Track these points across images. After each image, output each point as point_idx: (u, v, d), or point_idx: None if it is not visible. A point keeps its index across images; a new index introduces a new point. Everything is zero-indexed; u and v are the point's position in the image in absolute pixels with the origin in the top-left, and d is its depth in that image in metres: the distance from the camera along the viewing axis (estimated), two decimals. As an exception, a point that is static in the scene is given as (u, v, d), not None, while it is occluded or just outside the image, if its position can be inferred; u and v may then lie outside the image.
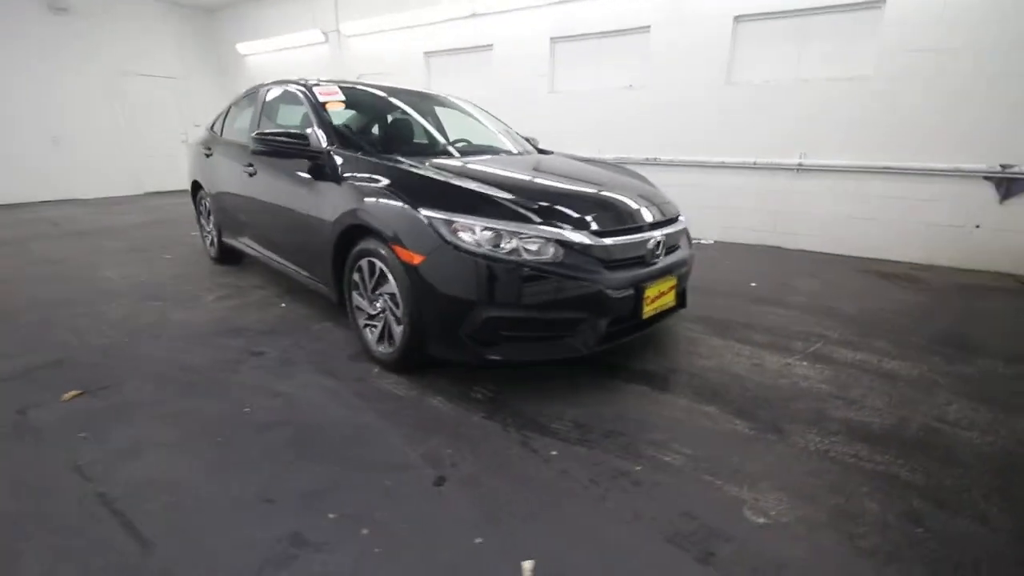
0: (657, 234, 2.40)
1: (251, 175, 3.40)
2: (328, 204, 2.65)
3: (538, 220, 2.13)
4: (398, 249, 2.19)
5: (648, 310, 2.34)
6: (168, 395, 2.31)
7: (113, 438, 1.97)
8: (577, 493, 1.70)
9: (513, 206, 2.16)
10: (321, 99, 3.09)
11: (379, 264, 2.36)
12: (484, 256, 2.04)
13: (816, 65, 5.07)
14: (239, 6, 9.82)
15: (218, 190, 4.05)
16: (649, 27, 5.82)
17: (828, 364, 2.71)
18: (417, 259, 2.12)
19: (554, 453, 1.90)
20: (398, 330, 2.37)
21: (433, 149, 3.34)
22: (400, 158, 2.64)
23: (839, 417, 2.20)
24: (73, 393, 2.29)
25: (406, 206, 2.20)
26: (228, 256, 4.43)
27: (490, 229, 2.07)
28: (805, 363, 2.72)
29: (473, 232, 2.07)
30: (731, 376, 2.55)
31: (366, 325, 2.61)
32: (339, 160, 2.67)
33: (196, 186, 4.56)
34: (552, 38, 6.48)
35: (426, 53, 7.66)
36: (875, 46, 4.75)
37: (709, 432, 2.07)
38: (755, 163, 5.48)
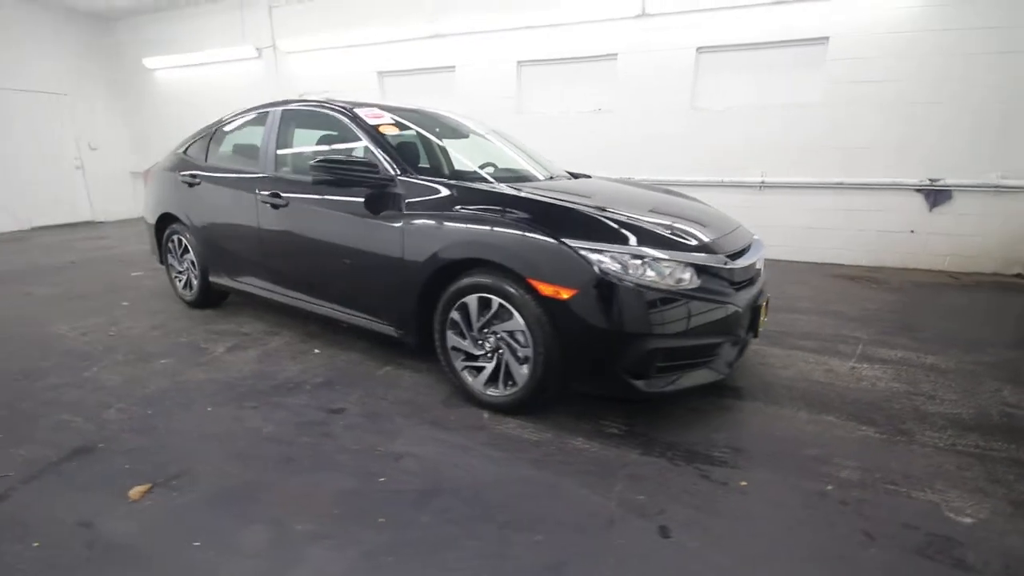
0: (759, 255, 2.49)
1: (276, 207, 2.99)
2: (410, 239, 2.40)
3: (683, 246, 2.11)
4: (537, 284, 2.04)
5: (760, 326, 2.41)
6: (267, 474, 1.92)
7: (242, 541, 1.59)
8: (805, 521, 1.68)
9: (658, 233, 2.12)
10: (371, 122, 2.82)
11: (497, 300, 2.18)
12: (645, 287, 1.97)
13: (771, 93, 5.63)
14: (145, 15, 8.72)
15: (208, 223, 3.51)
16: (616, 55, 6.10)
17: (882, 364, 2.96)
18: (566, 293, 1.99)
19: (743, 483, 1.87)
20: (522, 370, 2.20)
21: (475, 175, 3.17)
22: (504, 185, 2.51)
23: (934, 412, 2.41)
24: (142, 489, 1.81)
25: (547, 238, 2.06)
26: (208, 299, 3.85)
27: (644, 257, 2.01)
28: (865, 365, 2.95)
29: (629, 262, 1.99)
30: (818, 384, 2.69)
31: (466, 367, 2.39)
32: (427, 189, 2.46)
33: (165, 220, 3.91)
34: (519, 61, 6.54)
35: (380, 73, 7.34)
36: (821, 77, 5.40)
37: (850, 441, 2.16)
38: (723, 181, 5.93)
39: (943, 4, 4.82)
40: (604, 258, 1.99)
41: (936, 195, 5.24)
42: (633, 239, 2.06)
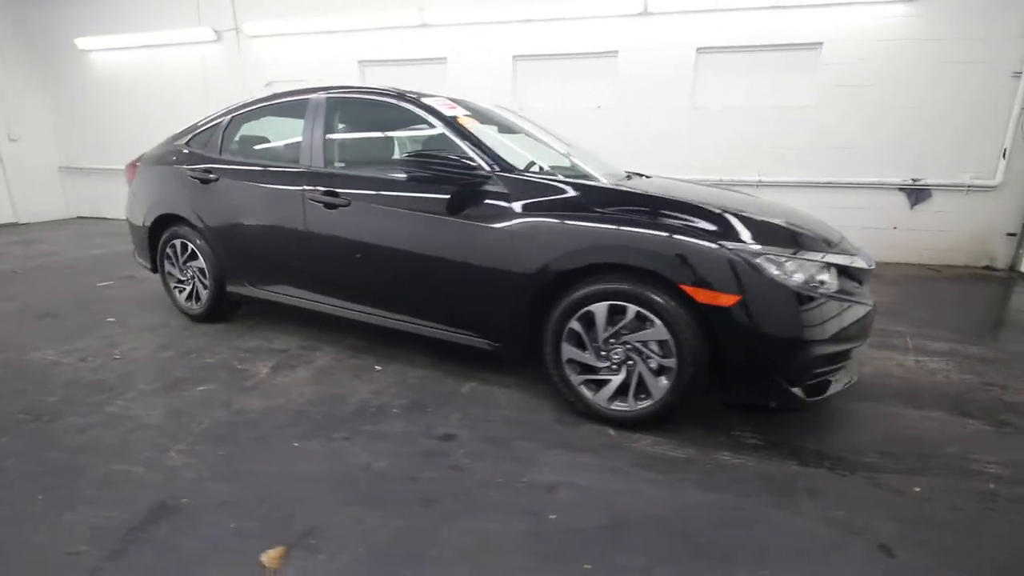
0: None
1: (331, 207, 2.64)
2: (523, 243, 2.18)
3: (824, 247, 2.04)
4: (692, 290, 1.89)
5: (868, 327, 2.41)
6: (417, 521, 1.64)
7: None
8: (999, 524, 1.66)
9: (803, 233, 2.04)
10: (447, 112, 2.54)
11: (633, 308, 2.02)
12: (807, 290, 1.88)
13: (767, 94, 5.81)
14: (75, -12, 7.64)
15: (230, 226, 3.06)
16: (617, 52, 6.06)
17: (939, 356, 3.08)
18: (727, 300, 1.86)
19: (917, 489, 1.83)
20: (659, 382, 2.05)
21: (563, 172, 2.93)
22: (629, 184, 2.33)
23: (1017, 402, 2.53)
24: (276, 554, 1.48)
25: (703, 241, 1.92)
26: (219, 312, 3.37)
27: (808, 260, 1.92)
28: (925, 358, 3.06)
29: (786, 264, 1.90)
30: (901, 379, 2.75)
31: (586, 381, 2.21)
32: (544, 187, 2.25)
33: (163, 222, 3.37)
34: (515, 56, 6.34)
35: (361, 62, 6.86)
36: (815, 80, 5.63)
37: (970, 436, 2.20)
38: (722, 180, 6.06)
39: (925, 16, 5.17)
40: (766, 262, 1.88)
41: (917, 194, 5.64)
42: (801, 241, 1.98)
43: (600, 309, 2.09)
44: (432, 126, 2.53)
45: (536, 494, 1.78)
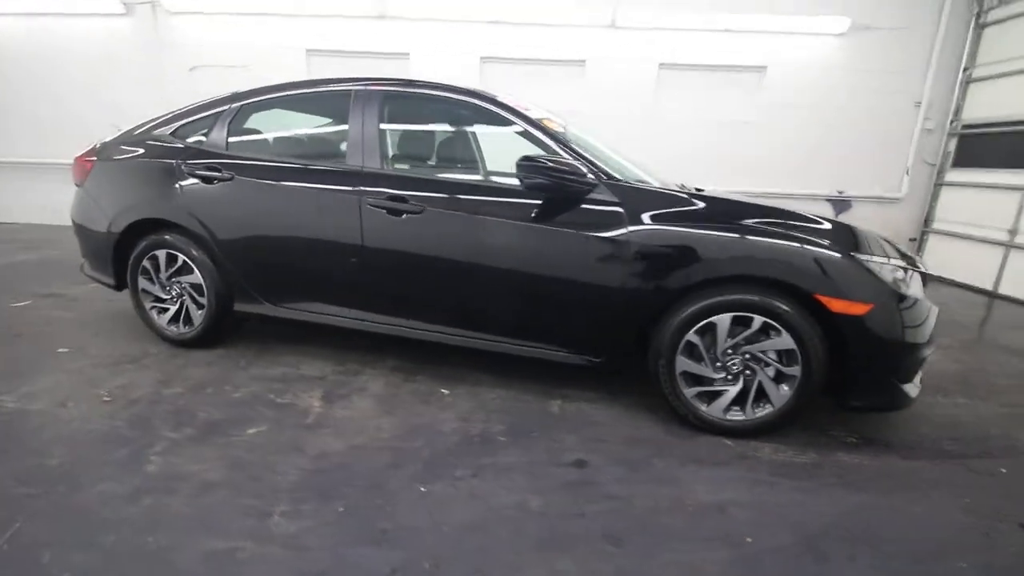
0: None
1: (398, 214, 2.33)
2: (638, 255, 2.10)
3: (907, 256, 2.23)
4: (827, 299, 1.95)
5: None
6: (608, 562, 1.49)
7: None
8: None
9: (896, 246, 2.20)
10: (533, 115, 2.38)
11: (759, 319, 2.03)
12: (917, 297, 2.03)
13: (720, 110, 6.28)
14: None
15: (250, 233, 2.59)
16: (585, 61, 6.17)
17: (990, 350, 3.55)
18: (861, 309, 1.94)
19: (1003, 470, 2.05)
20: (780, 389, 2.09)
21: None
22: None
23: (1006, 384, 2.97)
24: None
25: (834, 252, 1.98)
26: (213, 336, 2.85)
27: (914, 271, 2.07)
28: (984, 352, 3.50)
29: (898, 274, 2.03)
30: (954, 373, 3.06)
31: (699, 393, 2.18)
32: (664, 198, 2.22)
33: (138, 229, 2.75)
34: (482, 57, 6.19)
35: (310, 51, 6.24)
36: (760, 100, 6.20)
37: (1002, 419, 2.54)
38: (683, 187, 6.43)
39: (851, 49, 5.93)
40: (888, 271, 2.00)
41: (840, 204, 6.45)
42: (890, 252, 2.12)
43: (723, 321, 2.08)
44: (518, 128, 2.36)
45: (712, 517, 1.72)
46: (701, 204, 2.16)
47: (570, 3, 5.91)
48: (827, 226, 2.14)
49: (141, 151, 2.81)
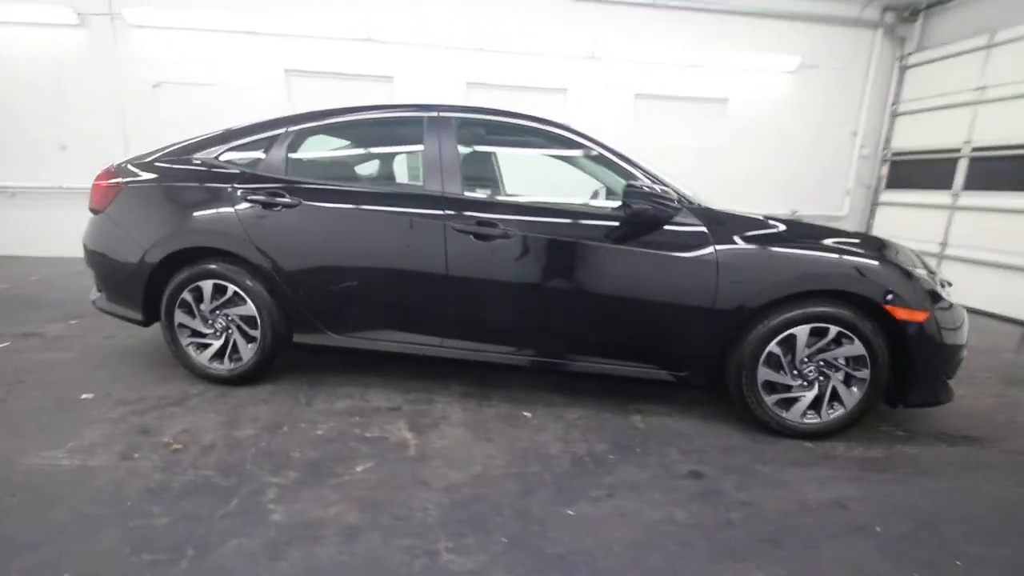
0: None
1: (487, 239, 2.34)
2: (731, 274, 2.26)
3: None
4: (894, 309, 2.20)
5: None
6: (785, 566, 1.59)
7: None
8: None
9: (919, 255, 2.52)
10: (610, 143, 2.50)
11: (834, 329, 2.25)
12: (955, 304, 2.34)
13: (689, 137, 6.76)
14: None
15: (320, 260, 2.48)
16: (567, 89, 6.44)
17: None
18: (921, 316, 2.21)
19: (1038, 452, 2.39)
20: (852, 393, 2.31)
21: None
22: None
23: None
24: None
25: (896, 266, 2.24)
26: (262, 370, 2.67)
27: (946, 281, 2.39)
28: None
29: (940, 283, 2.34)
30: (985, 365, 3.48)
31: (779, 401, 2.36)
32: (747, 222, 2.40)
33: (179, 258, 2.54)
34: (468, 82, 6.28)
35: (288, 71, 6.02)
36: (723, 128, 6.77)
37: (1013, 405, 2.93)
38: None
39: (800, 84, 6.64)
40: (938, 283, 2.29)
41: (796, 222, 7.11)
42: (928, 266, 2.43)
43: (803, 332, 2.28)
44: (594, 153, 2.49)
45: (837, 513, 1.87)
46: (783, 227, 2.37)
47: (553, 34, 6.17)
48: (880, 244, 2.42)
49: (183, 175, 2.61)
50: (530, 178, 3.02)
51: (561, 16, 6.14)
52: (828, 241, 2.34)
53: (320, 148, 2.70)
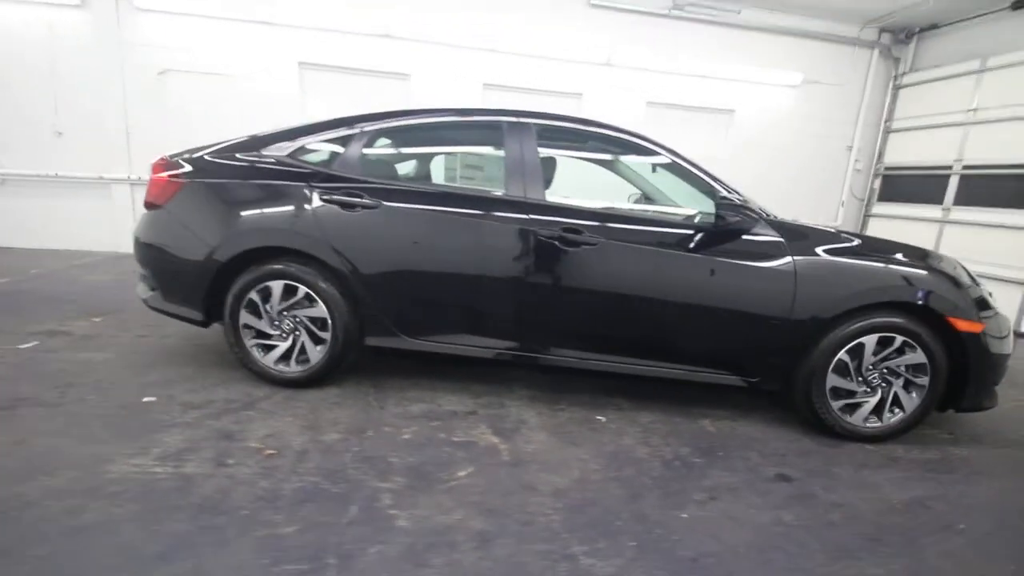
0: None
1: (570, 246, 2.37)
2: (808, 286, 2.36)
3: None
4: (956, 321, 2.34)
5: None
6: (898, 561, 1.68)
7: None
8: None
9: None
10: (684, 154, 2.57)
11: (900, 338, 2.38)
12: (1001, 314, 2.51)
13: (699, 146, 6.91)
14: None
15: (399, 263, 2.46)
16: (582, 94, 6.51)
17: None
18: (979, 327, 2.36)
19: (1072, 452, 2.59)
20: (911, 399, 2.45)
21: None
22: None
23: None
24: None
25: (954, 280, 2.40)
26: (330, 373, 2.63)
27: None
28: None
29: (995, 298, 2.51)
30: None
31: (844, 406, 2.47)
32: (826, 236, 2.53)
33: (247, 258, 2.47)
34: (485, 83, 6.27)
35: (302, 64, 5.88)
36: (730, 138, 6.98)
37: None
38: (664, 215, 6.98)
39: (802, 98, 6.91)
40: (983, 292, 2.45)
41: (793, 231, 7.40)
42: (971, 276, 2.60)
43: (871, 341, 2.40)
44: (664, 160, 2.60)
45: (922, 512, 1.99)
46: (857, 241, 2.49)
47: (571, 40, 6.24)
48: (939, 257, 2.57)
49: (253, 172, 2.54)
50: (602, 185, 3.06)
51: (580, 22, 6.21)
52: (899, 255, 2.47)
53: (394, 149, 2.66)
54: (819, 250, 2.43)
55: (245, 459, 1.98)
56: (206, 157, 2.64)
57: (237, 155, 2.61)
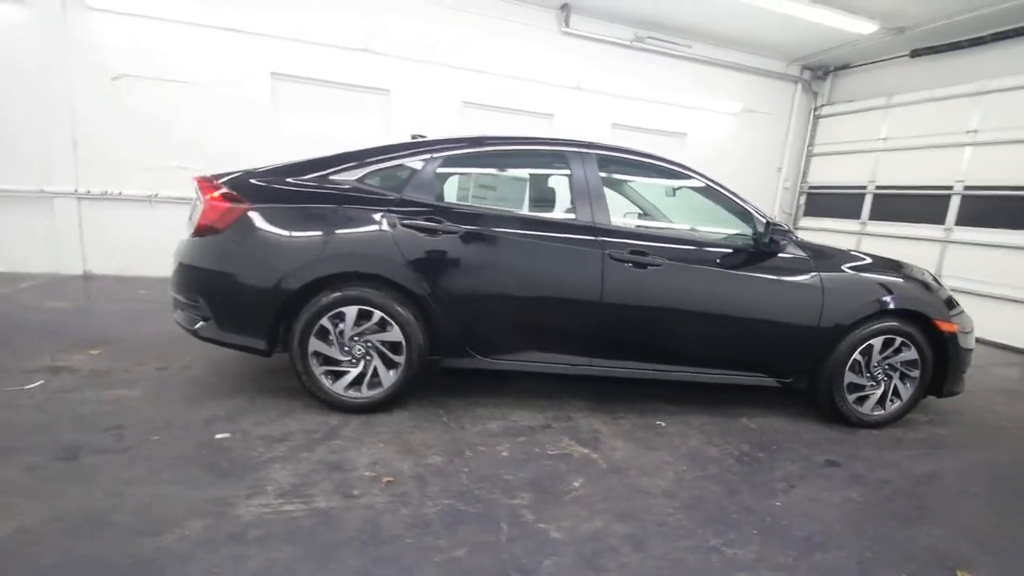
0: None
1: (639, 266, 2.59)
2: (832, 298, 2.76)
3: None
4: (940, 323, 2.85)
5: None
6: (972, 532, 2.06)
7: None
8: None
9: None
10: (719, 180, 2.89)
11: (899, 339, 2.85)
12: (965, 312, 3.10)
13: (654, 165, 7.52)
14: None
15: (478, 287, 2.55)
16: (553, 115, 6.82)
17: None
18: (954, 328, 2.88)
19: None
20: (907, 389, 2.94)
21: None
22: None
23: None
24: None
25: (934, 288, 2.93)
26: (399, 397, 2.64)
27: None
28: None
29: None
30: None
31: (856, 399, 2.91)
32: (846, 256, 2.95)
33: (321, 284, 2.42)
34: (464, 101, 6.37)
35: (275, 74, 5.62)
36: (683, 158, 7.59)
37: None
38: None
39: (742, 125, 7.72)
40: (950, 295, 3.01)
41: (736, 243, 8.21)
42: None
43: (878, 342, 2.86)
44: (699, 184, 2.98)
45: (944, 482, 2.43)
46: (867, 259, 2.94)
47: (545, 64, 6.53)
48: (911, 267, 3.10)
49: (325, 197, 2.49)
50: (652, 209, 3.33)
51: (554, 48, 6.52)
52: (903, 270, 2.97)
53: (463, 175, 2.73)
54: (845, 266, 2.86)
55: (368, 488, 1.97)
56: (262, 182, 2.55)
57: (300, 180, 2.55)
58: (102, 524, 1.66)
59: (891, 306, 2.82)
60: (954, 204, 6.05)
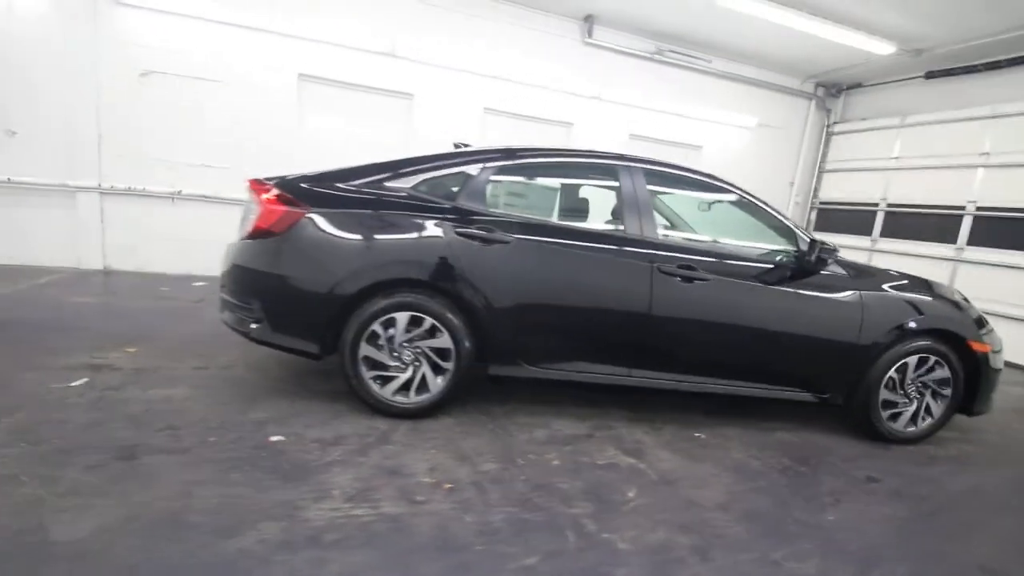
0: None
1: (687, 280, 2.64)
2: (869, 314, 2.81)
3: None
4: (974, 344, 2.91)
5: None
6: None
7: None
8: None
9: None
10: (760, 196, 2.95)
11: (934, 359, 2.91)
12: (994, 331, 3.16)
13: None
14: None
15: (528, 296, 2.58)
16: (573, 124, 6.88)
17: None
18: (987, 348, 2.95)
19: (1039, 444, 3.28)
20: (937, 406, 2.99)
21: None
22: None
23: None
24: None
25: (967, 309, 2.98)
26: (445, 402, 2.66)
27: None
28: None
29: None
30: None
31: (890, 415, 2.96)
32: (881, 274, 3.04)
33: (374, 291, 2.44)
34: (485, 108, 6.42)
35: (302, 76, 5.64)
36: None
37: None
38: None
39: (756, 138, 7.83)
40: (980, 315, 3.08)
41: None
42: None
43: (912, 360, 2.91)
44: (734, 198, 3.04)
45: (984, 496, 2.50)
46: (905, 280, 3.00)
47: (567, 74, 6.59)
48: (942, 286, 3.16)
49: (383, 204, 2.52)
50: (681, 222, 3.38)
51: (576, 58, 6.59)
52: (936, 291, 3.03)
53: (515, 185, 2.77)
54: (886, 286, 2.91)
55: (431, 495, 1.99)
56: (318, 186, 2.56)
57: (357, 185, 2.58)
58: (178, 525, 1.67)
59: (925, 326, 2.88)
60: (966, 224, 6.16)
